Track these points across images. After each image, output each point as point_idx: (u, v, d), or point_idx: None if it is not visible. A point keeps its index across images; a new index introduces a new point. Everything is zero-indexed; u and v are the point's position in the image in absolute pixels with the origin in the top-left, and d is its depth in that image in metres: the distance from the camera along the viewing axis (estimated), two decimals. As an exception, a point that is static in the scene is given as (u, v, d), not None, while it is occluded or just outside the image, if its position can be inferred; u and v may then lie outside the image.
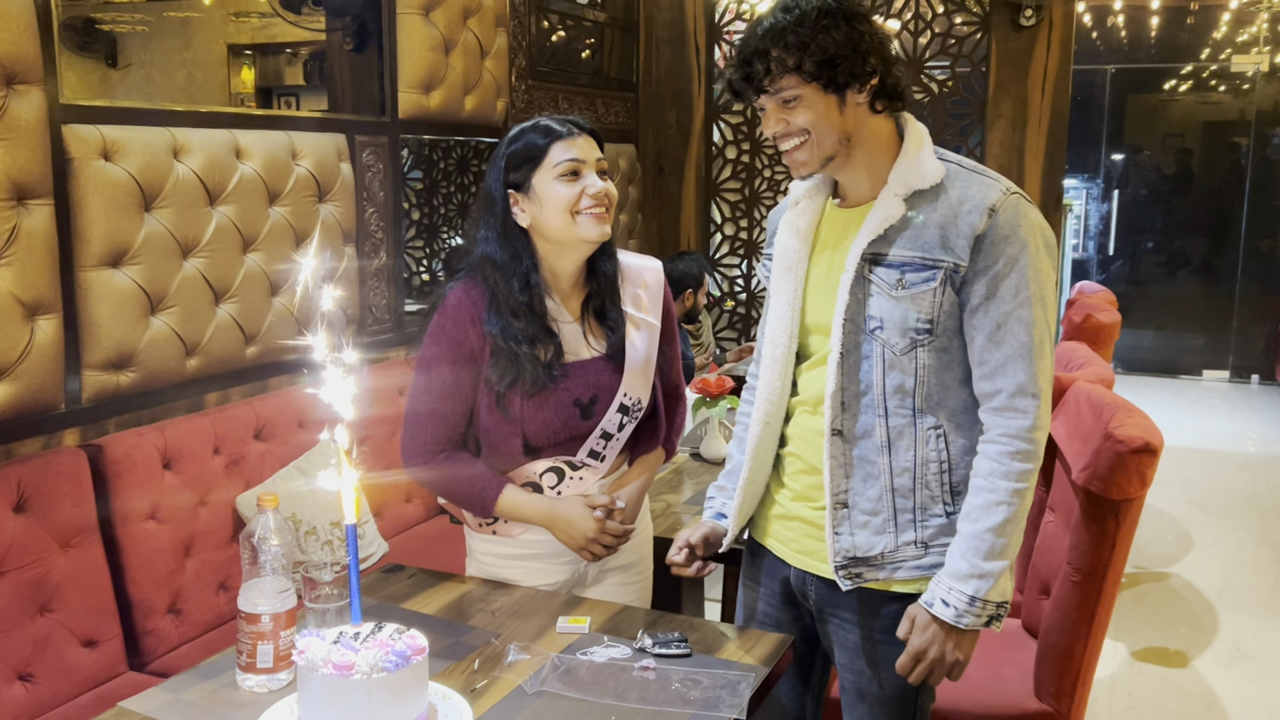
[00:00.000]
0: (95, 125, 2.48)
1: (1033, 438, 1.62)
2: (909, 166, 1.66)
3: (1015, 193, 1.65)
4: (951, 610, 1.63)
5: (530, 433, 1.93)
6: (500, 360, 1.88)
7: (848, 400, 1.70)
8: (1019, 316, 1.61)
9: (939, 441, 1.68)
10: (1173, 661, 3.58)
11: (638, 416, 2.01)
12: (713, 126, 5.37)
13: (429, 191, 4.80)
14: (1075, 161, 8.48)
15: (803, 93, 1.63)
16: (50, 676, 2.24)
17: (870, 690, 1.79)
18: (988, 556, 1.62)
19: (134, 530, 2.46)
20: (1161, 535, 4.79)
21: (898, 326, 1.65)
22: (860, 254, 1.67)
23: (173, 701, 1.59)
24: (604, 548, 1.96)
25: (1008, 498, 1.62)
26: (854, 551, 1.72)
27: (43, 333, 2.34)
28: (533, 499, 1.96)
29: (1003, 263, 1.60)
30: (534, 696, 1.59)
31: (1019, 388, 1.61)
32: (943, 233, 1.62)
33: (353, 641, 1.43)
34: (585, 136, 1.93)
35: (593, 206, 1.88)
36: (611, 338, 1.98)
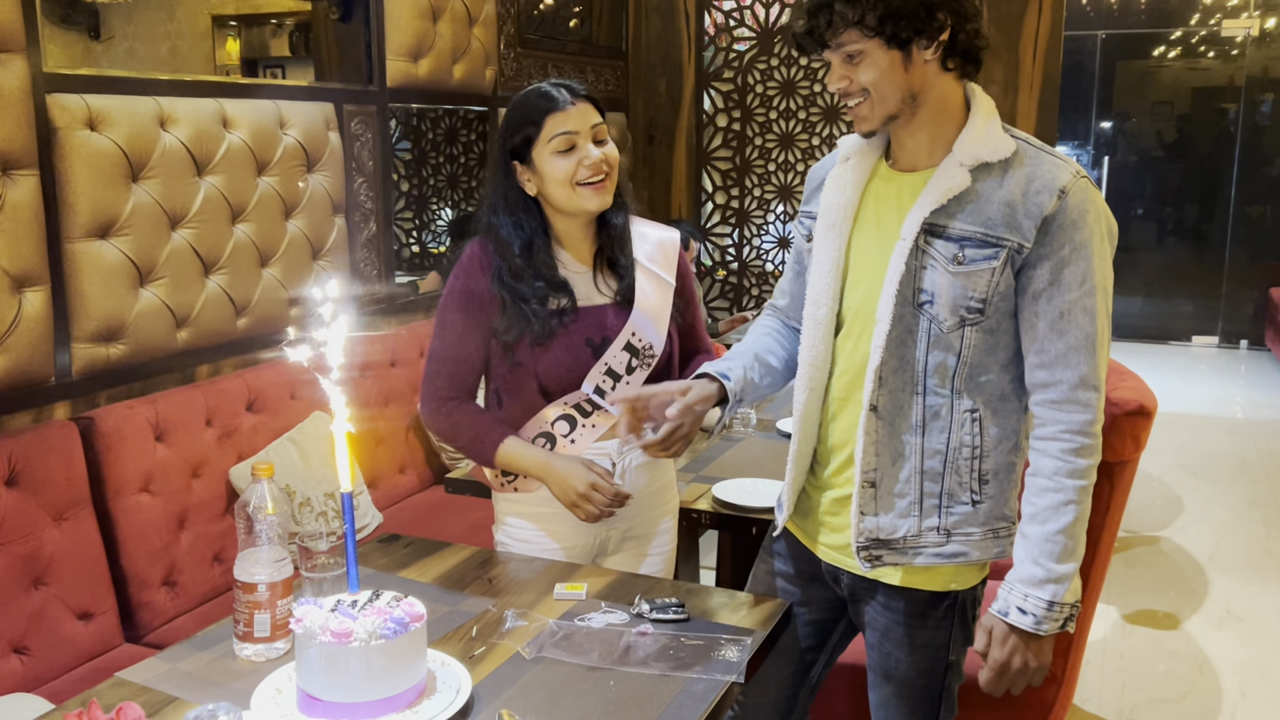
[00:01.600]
0: (80, 95, 2.45)
1: (1094, 432, 1.57)
2: (977, 137, 1.58)
3: (1084, 176, 1.57)
4: (1030, 618, 1.58)
5: (542, 373, 1.96)
6: (508, 314, 1.94)
7: (886, 375, 1.64)
8: (1084, 306, 1.54)
9: (974, 426, 1.62)
10: (1164, 624, 3.60)
11: (649, 363, 2.00)
12: (703, 94, 5.33)
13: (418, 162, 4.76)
14: (1065, 128, 8.45)
15: (865, 48, 1.55)
16: (46, 649, 2.24)
17: (896, 671, 1.77)
18: (1060, 559, 1.57)
19: (127, 503, 2.45)
20: (1152, 500, 4.82)
21: (949, 303, 1.59)
22: (920, 223, 1.59)
23: (170, 671, 1.58)
24: (595, 508, 1.93)
25: (1075, 496, 1.57)
26: (878, 533, 1.68)
27: (31, 305, 2.32)
28: (533, 450, 1.97)
29: (1069, 249, 1.54)
30: (532, 662, 1.59)
31: (1081, 380, 1.55)
32: (1009, 210, 1.55)
33: (351, 609, 1.42)
34: (580, 105, 1.92)
35: (590, 177, 1.91)
36: (621, 284, 2.01)
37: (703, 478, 2.61)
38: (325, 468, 2.85)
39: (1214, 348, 8.36)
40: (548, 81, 1.96)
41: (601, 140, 1.94)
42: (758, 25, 5.20)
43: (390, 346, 3.42)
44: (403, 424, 3.41)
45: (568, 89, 1.93)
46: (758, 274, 5.43)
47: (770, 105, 5.23)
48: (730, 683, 1.54)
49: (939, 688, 1.76)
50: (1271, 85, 8.09)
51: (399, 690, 1.40)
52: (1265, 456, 5.50)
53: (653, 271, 2.04)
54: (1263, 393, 6.92)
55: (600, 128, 1.94)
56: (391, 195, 3.65)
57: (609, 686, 1.53)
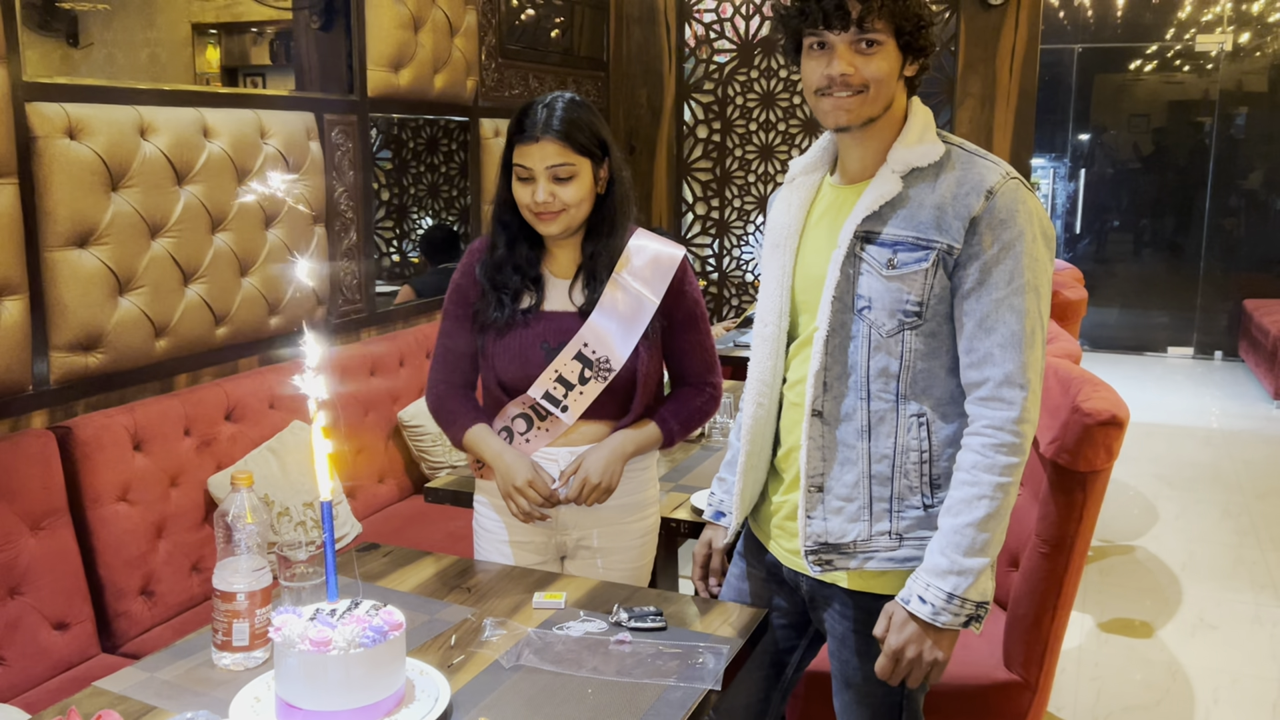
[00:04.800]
0: (60, 103, 2.45)
1: (1019, 430, 1.57)
2: (910, 145, 1.63)
3: (1015, 178, 1.60)
4: (929, 608, 1.59)
5: (499, 368, 2.06)
6: (481, 302, 2.08)
7: (830, 381, 1.67)
8: (1011, 304, 1.56)
9: (921, 430, 1.64)
10: (1138, 632, 3.64)
11: (604, 376, 2.03)
12: (684, 105, 5.37)
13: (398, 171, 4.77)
14: (1042, 141, 8.53)
15: (886, 42, 1.58)
16: (22, 659, 2.23)
17: (855, 679, 1.79)
18: (968, 552, 1.57)
19: (104, 512, 2.44)
20: (1127, 509, 4.87)
21: (886, 307, 1.62)
22: (853, 231, 1.63)
23: (148, 680, 1.58)
24: (526, 505, 2.00)
25: (990, 491, 1.57)
26: (825, 537, 1.69)
27: (9, 314, 2.31)
28: (494, 440, 2.07)
29: (997, 248, 1.56)
30: (511, 671, 1.60)
31: (1006, 377, 1.56)
32: (939, 213, 1.59)
33: (329, 618, 1.43)
34: (543, 143, 1.96)
35: (536, 211, 1.99)
36: (590, 295, 2.05)
37: (682, 487, 2.62)
38: (304, 477, 2.85)
39: (1189, 359, 8.44)
40: (541, 101, 1.99)
41: (563, 178, 1.97)
42: (738, 37, 5.23)
43: (369, 355, 3.42)
44: (383, 433, 3.41)
45: (543, 122, 1.96)
46: (737, 284, 5.46)
47: (750, 117, 5.26)
48: (708, 690, 1.56)
49: (898, 696, 1.77)
50: (1245, 99, 8.20)
51: (378, 698, 1.40)
52: (1239, 466, 5.56)
53: (632, 287, 2.05)
54: (1237, 403, 6.99)
55: (561, 167, 1.96)
56: (372, 204, 3.66)
57: (587, 695, 1.54)
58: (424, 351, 3.67)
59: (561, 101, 2.00)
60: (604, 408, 2.06)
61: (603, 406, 2.06)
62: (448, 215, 4.77)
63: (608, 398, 2.05)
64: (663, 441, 2.12)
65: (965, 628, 1.61)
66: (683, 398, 2.15)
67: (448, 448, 3.43)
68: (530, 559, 2.13)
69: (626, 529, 2.13)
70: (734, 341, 4.43)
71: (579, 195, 1.99)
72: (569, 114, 1.98)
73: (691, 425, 2.16)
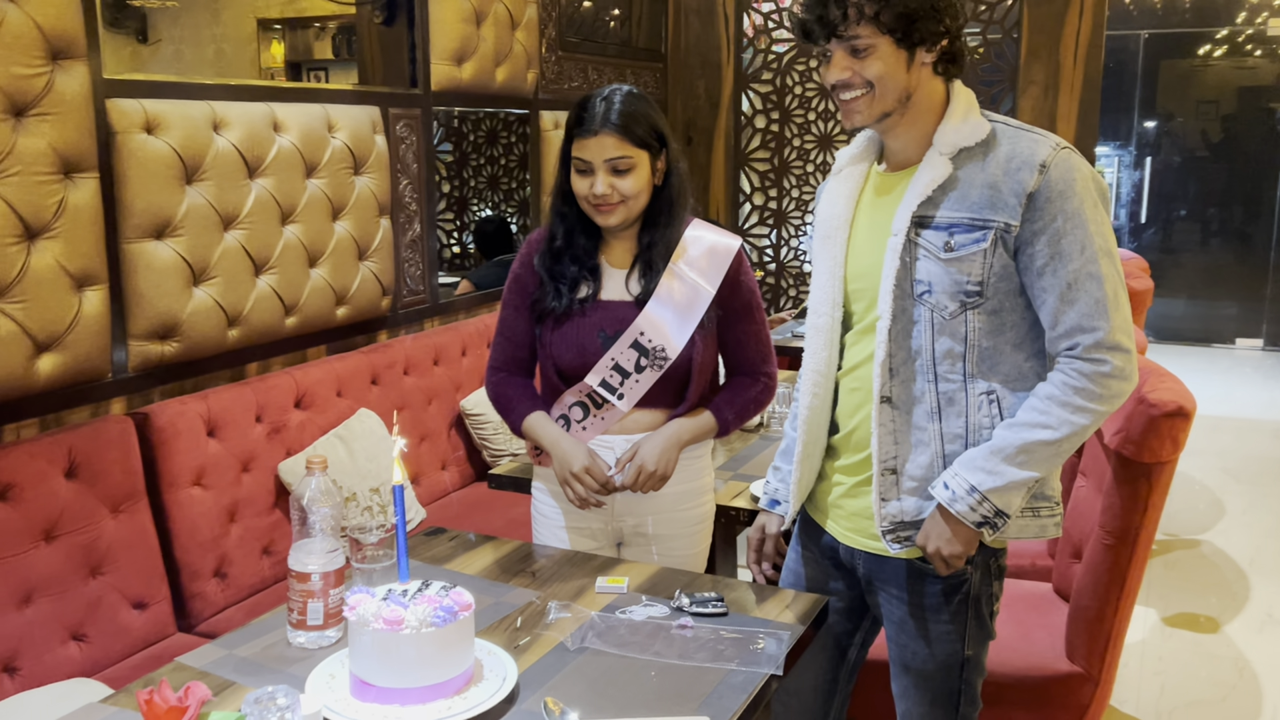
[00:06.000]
0: (137, 99, 2.52)
1: (1106, 384, 1.56)
2: (955, 127, 1.63)
3: (1065, 147, 1.61)
4: (949, 493, 1.63)
5: (556, 355, 2.09)
6: (540, 291, 2.11)
7: (896, 367, 1.68)
8: (1089, 272, 1.56)
9: (992, 407, 1.65)
10: (1204, 627, 3.59)
11: (660, 364, 2.05)
12: (742, 96, 5.36)
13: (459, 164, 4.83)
14: (1107, 128, 8.38)
15: (876, 44, 1.60)
16: (103, 637, 2.31)
17: (913, 664, 1.81)
18: (1006, 459, 1.60)
19: (180, 496, 2.52)
20: (1193, 503, 4.79)
21: (947, 290, 1.63)
22: (908, 217, 1.64)
23: (226, 657, 1.64)
24: (582, 491, 2.03)
25: (1054, 422, 1.58)
26: (902, 516, 1.71)
27: (90, 303, 2.39)
28: (551, 427, 2.11)
29: (1062, 219, 1.56)
30: (575, 653, 1.64)
31: (1097, 343, 1.56)
32: (992, 192, 1.59)
33: (402, 598, 1.47)
34: (601, 136, 1.99)
35: (594, 203, 2.02)
36: (646, 285, 2.08)
37: (741, 475, 2.64)
38: (370, 463, 2.91)
39: (1258, 350, 8.25)
40: (600, 94, 2.02)
41: (622, 170, 2.00)
42: (797, 27, 5.21)
43: (433, 345, 3.48)
44: (445, 421, 3.47)
45: (601, 115, 1.99)
46: (795, 274, 5.45)
47: (809, 106, 5.25)
48: (769, 675, 1.58)
49: (957, 681, 1.79)
50: (1318, 84, 7.99)
51: (448, 676, 1.44)
52: (1310, 460, 5.45)
53: (688, 277, 2.07)
54: (1308, 396, 6.84)
55: (620, 160, 1.99)
56: (435, 197, 3.72)
57: (650, 677, 1.57)
58: (485, 341, 3.72)
59: (619, 95, 2.02)
60: (659, 396, 2.09)
61: (658, 395, 2.09)
62: (507, 207, 4.82)
63: (663, 386, 2.08)
64: (717, 430, 2.14)
65: (979, 529, 1.63)
66: (738, 387, 2.17)
67: (509, 436, 3.48)
68: (587, 545, 2.16)
69: (682, 516, 2.16)
70: (792, 332, 4.43)
71: (637, 187, 2.02)
72: (627, 107, 2.00)
73: (746, 415, 2.18)
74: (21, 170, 2.21)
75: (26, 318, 2.25)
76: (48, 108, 2.26)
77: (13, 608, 2.15)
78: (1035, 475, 1.61)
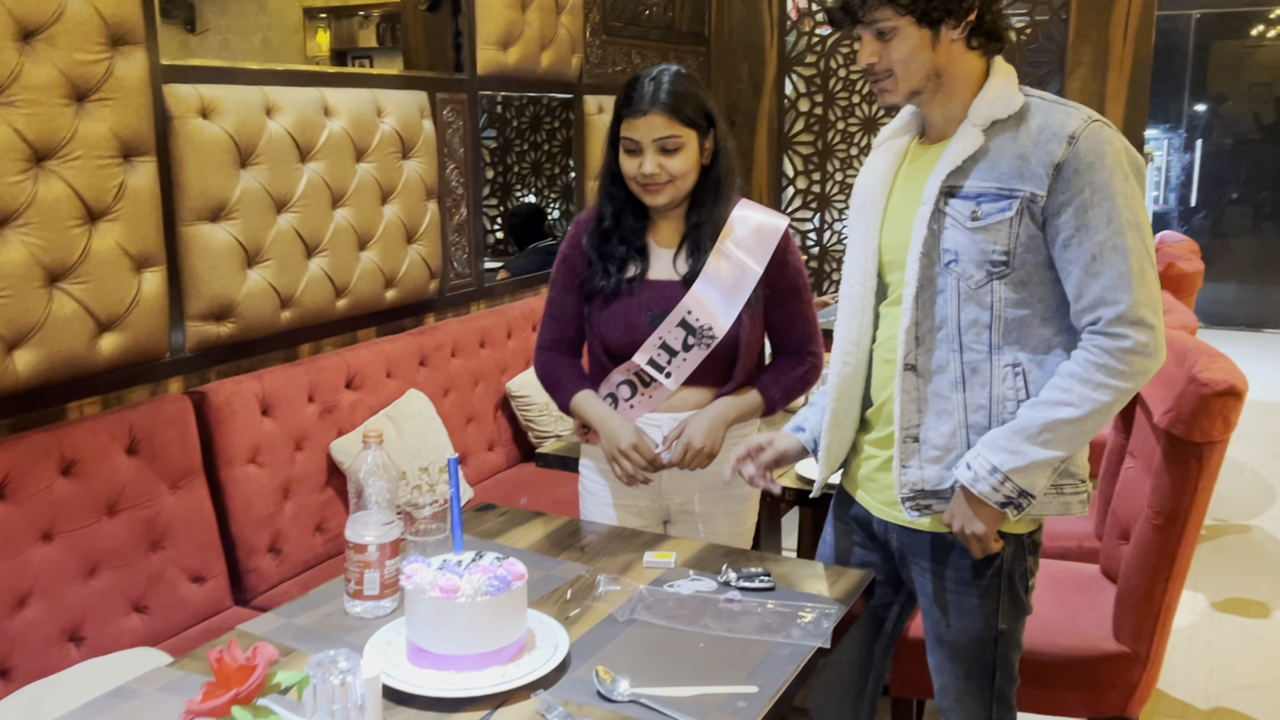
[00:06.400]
0: (193, 85, 2.58)
1: (1128, 360, 1.57)
2: (990, 99, 1.65)
3: (1097, 120, 1.61)
4: (971, 473, 1.64)
5: (604, 334, 2.13)
6: (588, 271, 2.14)
7: (922, 335, 1.70)
8: (1115, 245, 1.57)
9: (1017, 379, 1.66)
10: (1253, 612, 3.55)
11: (708, 343, 2.07)
12: (785, 79, 5.35)
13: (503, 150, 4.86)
14: (1157, 110, 8.26)
15: (898, 25, 1.63)
16: (163, 609, 2.37)
17: (947, 637, 1.82)
18: (1029, 439, 1.60)
19: (236, 473, 2.58)
20: (1244, 488, 4.73)
21: (973, 259, 1.64)
22: (938, 187, 1.66)
23: (286, 625, 1.69)
24: (630, 468, 2.05)
25: (1075, 400, 1.59)
26: (922, 484, 1.72)
27: (149, 285, 2.45)
28: (599, 405, 2.14)
29: (1089, 191, 1.57)
30: (625, 625, 1.66)
31: (1119, 316, 1.57)
32: (1021, 162, 1.61)
33: (457, 567, 1.51)
34: (651, 116, 2.01)
35: (643, 183, 2.04)
36: (694, 264, 2.09)
37: (786, 456, 2.65)
38: (419, 443, 2.96)
39: (1312, 335, 8.12)
40: (649, 74, 2.05)
41: (670, 150, 2.02)
42: (841, 9, 5.18)
43: (479, 328, 3.52)
44: (491, 403, 3.51)
45: (650, 95, 2.01)
46: (838, 259, 5.43)
47: (853, 89, 5.22)
48: (816, 648, 1.59)
49: (992, 655, 1.80)
50: (1376, 64, 7.81)
51: (502, 644, 1.48)
52: (1364, 446, 5.35)
53: (735, 256, 2.09)
54: (1363, 382, 6.71)
55: (669, 139, 2.02)
56: (481, 181, 3.75)
57: (698, 649, 1.59)
58: (530, 325, 3.75)
59: (668, 75, 2.04)
60: (706, 375, 2.11)
61: (705, 374, 2.11)
62: (550, 193, 4.85)
63: (710, 365, 2.10)
64: (764, 409, 2.16)
65: (1002, 509, 1.64)
66: (784, 367, 2.19)
67: (555, 417, 3.52)
68: (634, 521, 2.19)
69: (728, 494, 2.18)
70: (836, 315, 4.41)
71: (685, 166, 2.04)
72: (675, 87, 2.02)
73: (792, 394, 2.19)
74: (84, 154, 2.27)
75: (89, 298, 2.31)
76: (108, 93, 2.32)
77: (79, 579, 2.22)
78: (1059, 455, 1.62)
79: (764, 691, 1.47)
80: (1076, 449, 1.65)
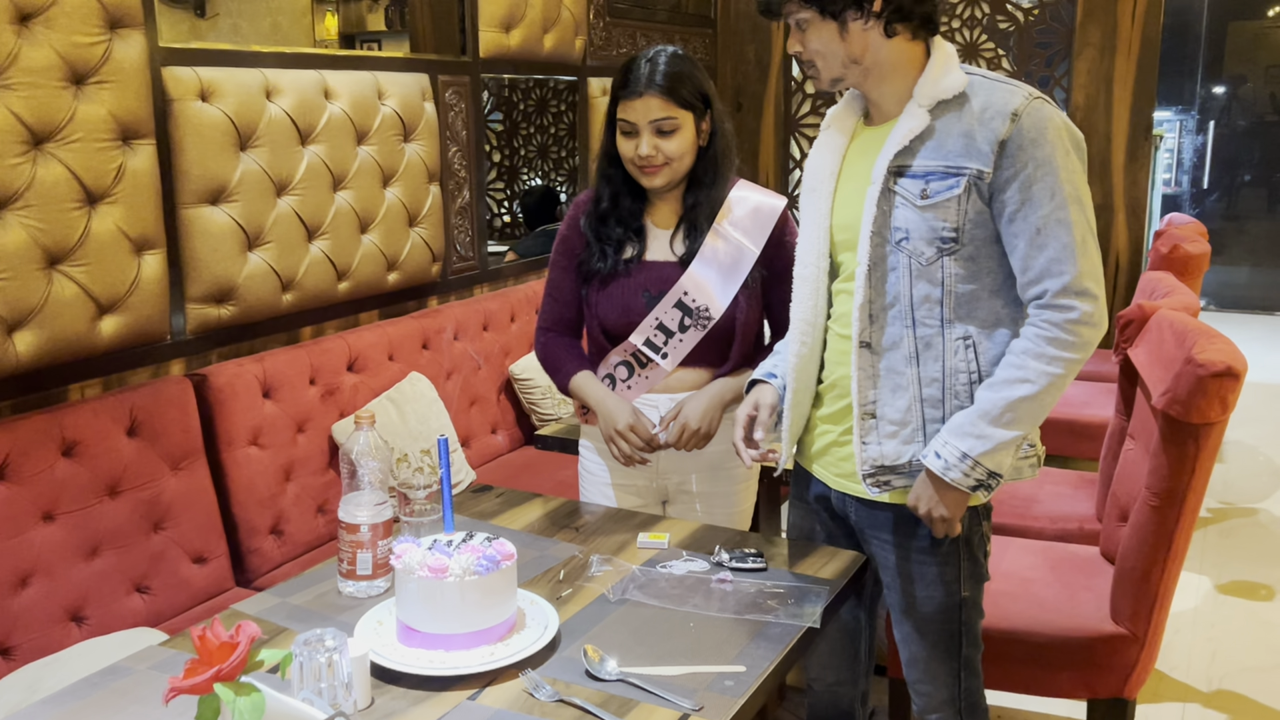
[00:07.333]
0: (192, 67, 2.58)
1: (1076, 330, 1.62)
2: (934, 79, 1.69)
3: (1038, 97, 1.66)
4: (941, 462, 1.67)
5: (602, 315, 2.13)
6: (586, 252, 2.14)
7: (875, 313, 1.73)
8: (1058, 218, 1.61)
9: (968, 352, 1.70)
10: (1258, 595, 3.54)
11: (704, 324, 2.08)
12: (792, 61, 5.32)
13: (509, 133, 4.86)
14: (1168, 92, 8.18)
15: (807, 17, 1.70)
16: (165, 590, 2.39)
17: (912, 608, 1.85)
18: (993, 422, 1.64)
19: (237, 455, 2.59)
20: (1251, 471, 4.71)
21: (924, 237, 1.68)
22: (886, 166, 1.70)
23: (280, 605, 1.70)
24: (627, 448, 2.06)
25: (1032, 376, 1.63)
26: (882, 460, 1.75)
27: (149, 267, 2.46)
28: (597, 386, 2.14)
29: (1032, 166, 1.61)
30: (616, 604, 1.67)
31: (1064, 287, 1.62)
32: (967, 140, 1.65)
33: (446, 547, 1.51)
34: (646, 98, 2.01)
35: (639, 165, 2.04)
36: (691, 245, 2.09)
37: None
38: (421, 425, 2.97)
39: (1325, 319, 8.05)
40: (645, 55, 2.05)
41: (667, 131, 2.02)
42: (848, -10, 5.15)
43: (482, 311, 3.53)
44: (495, 386, 3.52)
45: (646, 76, 2.01)
46: (846, 242, 5.41)
47: (860, 71, 5.19)
48: (806, 628, 1.60)
49: (956, 623, 1.84)
50: (1393, 44, 7.73)
51: (491, 624, 1.49)
52: (1375, 430, 5.32)
53: (732, 237, 2.09)
54: (1375, 365, 6.66)
55: (665, 121, 2.02)
56: (484, 164, 3.75)
57: (689, 628, 1.60)
58: (533, 308, 3.76)
59: (664, 55, 2.04)
60: (703, 355, 2.11)
61: (702, 354, 2.11)
62: (556, 176, 4.85)
63: (707, 346, 2.10)
64: None
65: (973, 492, 1.67)
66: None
67: (557, 400, 3.52)
68: (632, 501, 2.20)
69: (725, 474, 2.18)
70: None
71: (682, 148, 2.04)
72: (671, 68, 2.02)
73: None
74: (83, 137, 2.28)
75: (89, 280, 2.32)
76: (106, 75, 2.32)
77: (81, 559, 2.24)
78: (1022, 433, 1.66)
79: (752, 671, 1.48)
80: (1036, 425, 1.69)
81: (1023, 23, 4.73)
